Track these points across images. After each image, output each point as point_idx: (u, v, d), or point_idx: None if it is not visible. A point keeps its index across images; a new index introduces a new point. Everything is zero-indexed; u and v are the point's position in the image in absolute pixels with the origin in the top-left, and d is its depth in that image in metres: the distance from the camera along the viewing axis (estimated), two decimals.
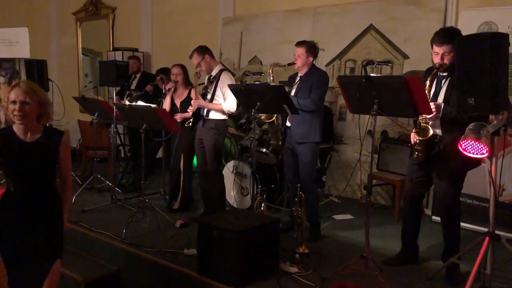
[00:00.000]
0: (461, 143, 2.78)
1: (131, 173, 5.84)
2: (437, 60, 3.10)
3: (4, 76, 7.22)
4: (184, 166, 4.76)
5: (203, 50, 4.35)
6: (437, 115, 3.08)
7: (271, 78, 4.15)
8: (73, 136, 8.11)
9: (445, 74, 3.15)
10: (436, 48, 3.09)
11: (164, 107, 4.76)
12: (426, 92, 3.08)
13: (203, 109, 4.33)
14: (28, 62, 6.05)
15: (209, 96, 4.32)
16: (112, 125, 5.21)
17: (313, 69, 3.97)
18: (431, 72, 3.12)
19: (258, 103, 3.64)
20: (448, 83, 3.11)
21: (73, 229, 4.22)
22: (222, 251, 3.12)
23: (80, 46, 8.72)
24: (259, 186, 4.12)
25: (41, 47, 8.77)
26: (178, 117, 4.65)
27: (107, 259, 3.89)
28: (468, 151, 2.77)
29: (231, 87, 3.95)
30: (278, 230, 3.43)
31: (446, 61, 3.06)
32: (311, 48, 3.93)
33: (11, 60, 7.25)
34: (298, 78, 4.01)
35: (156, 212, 4.37)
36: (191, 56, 4.37)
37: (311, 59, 3.94)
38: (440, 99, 3.14)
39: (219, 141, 4.37)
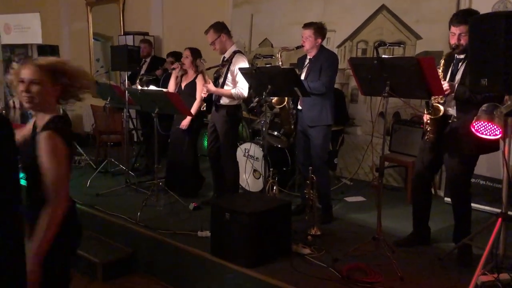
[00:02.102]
0: (474, 124, 2.76)
1: (144, 156, 5.90)
2: (453, 41, 3.06)
3: (17, 62, 7.27)
4: (187, 151, 4.69)
5: (220, 28, 4.15)
6: (451, 94, 3.06)
7: (280, 63, 4.08)
8: (87, 121, 8.20)
9: (462, 56, 3.11)
10: (453, 29, 3.05)
11: (169, 88, 4.74)
12: (441, 72, 3.05)
13: (215, 94, 4.23)
14: (41, 48, 6.10)
15: (221, 80, 4.20)
16: (125, 110, 5.24)
17: (322, 50, 3.92)
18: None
19: (269, 86, 3.62)
20: (465, 66, 3.07)
21: (85, 211, 4.33)
22: (234, 233, 3.16)
23: (91, 30, 8.73)
24: (271, 169, 4.14)
25: (53, 32, 8.80)
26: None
27: (122, 242, 3.97)
28: (481, 132, 2.75)
29: (242, 70, 3.90)
30: (290, 212, 3.45)
31: (462, 42, 3.01)
32: (319, 30, 3.87)
33: (24, 46, 7.31)
34: (307, 61, 3.97)
35: (170, 195, 4.42)
36: (206, 32, 4.15)
37: (319, 40, 3.88)
38: (456, 81, 3.11)
39: (232, 129, 4.23)
